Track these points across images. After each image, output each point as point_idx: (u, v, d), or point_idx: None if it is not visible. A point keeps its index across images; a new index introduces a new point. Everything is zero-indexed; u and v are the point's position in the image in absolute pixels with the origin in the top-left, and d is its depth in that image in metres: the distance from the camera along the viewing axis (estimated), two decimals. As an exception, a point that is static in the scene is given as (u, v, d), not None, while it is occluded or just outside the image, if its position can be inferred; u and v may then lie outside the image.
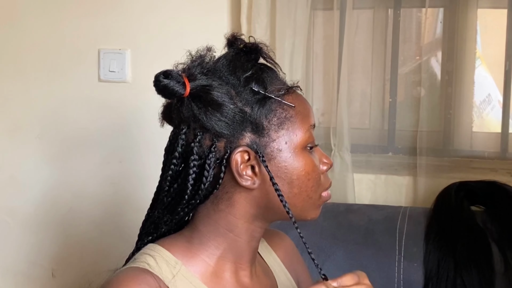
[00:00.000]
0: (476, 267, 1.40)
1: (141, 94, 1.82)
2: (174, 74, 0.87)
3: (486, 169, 1.69)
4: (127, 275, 0.86)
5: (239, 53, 0.92)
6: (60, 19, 1.90)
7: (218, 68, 0.90)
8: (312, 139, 0.93)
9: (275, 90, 0.90)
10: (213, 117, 0.86)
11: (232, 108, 0.86)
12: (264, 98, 0.89)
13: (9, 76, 1.96)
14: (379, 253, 1.47)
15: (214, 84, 0.87)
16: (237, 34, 0.95)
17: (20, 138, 1.97)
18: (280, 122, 0.89)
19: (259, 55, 0.94)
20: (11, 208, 1.99)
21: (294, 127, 0.90)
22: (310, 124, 0.93)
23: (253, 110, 0.88)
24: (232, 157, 0.88)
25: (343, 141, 1.73)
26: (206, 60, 0.91)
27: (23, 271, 2.00)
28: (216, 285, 0.91)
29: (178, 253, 0.91)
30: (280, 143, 0.89)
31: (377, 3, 1.79)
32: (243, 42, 0.94)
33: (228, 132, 0.87)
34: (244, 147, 0.88)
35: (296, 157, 0.90)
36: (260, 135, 0.89)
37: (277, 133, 0.89)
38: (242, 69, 0.90)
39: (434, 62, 1.74)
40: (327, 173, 0.98)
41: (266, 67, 0.93)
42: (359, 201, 1.75)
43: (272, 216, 0.94)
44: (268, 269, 1.04)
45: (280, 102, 0.90)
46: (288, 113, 0.90)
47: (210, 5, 1.78)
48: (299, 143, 0.91)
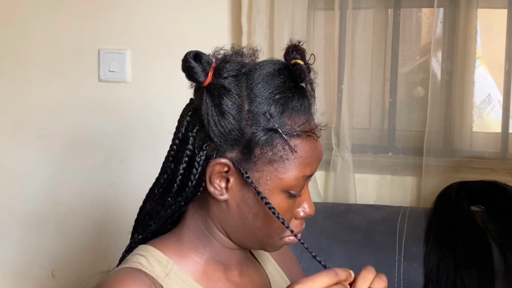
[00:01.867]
0: (476, 267, 1.40)
1: (141, 94, 1.82)
2: (203, 60, 0.84)
3: (486, 169, 1.69)
4: (120, 275, 0.86)
5: (283, 68, 0.87)
6: (60, 19, 1.90)
7: (252, 75, 0.86)
8: (298, 188, 0.87)
9: (289, 126, 0.85)
10: (212, 120, 0.84)
11: (232, 123, 0.84)
12: (272, 129, 0.84)
13: (9, 76, 1.96)
14: (379, 253, 1.47)
15: (233, 91, 0.84)
16: (301, 44, 0.89)
17: (20, 138, 1.97)
18: (272, 159, 0.85)
19: (302, 80, 0.87)
20: (11, 208, 1.99)
21: (284, 169, 0.86)
22: (304, 174, 0.87)
23: (253, 135, 0.84)
24: (212, 163, 0.86)
25: (344, 141, 1.73)
26: (246, 61, 0.87)
27: (23, 271, 2.00)
28: (208, 283, 0.91)
29: (169, 252, 0.91)
30: (262, 176, 0.86)
31: (377, 3, 1.79)
32: (299, 57, 0.87)
33: (218, 141, 0.85)
34: (227, 160, 0.86)
35: (272, 195, 0.86)
36: (247, 159, 0.86)
37: (264, 166, 0.85)
38: (272, 88, 0.85)
39: (434, 62, 1.74)
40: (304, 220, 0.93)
41: (300, 95, 0.87)
42: (360, 201, 1.75)
43: (234, 238, 0.92)
44: (260, 267, 1.04)
45: (284, 141, 0.85)
46: (286, 154, 0.85)
47: (210, 5, 1.78)
48: (282, 185, 0.86)
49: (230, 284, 0.94)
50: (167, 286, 0.87)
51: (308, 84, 0.88)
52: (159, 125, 1.76)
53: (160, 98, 1.79)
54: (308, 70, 0.87)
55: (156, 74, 1.82)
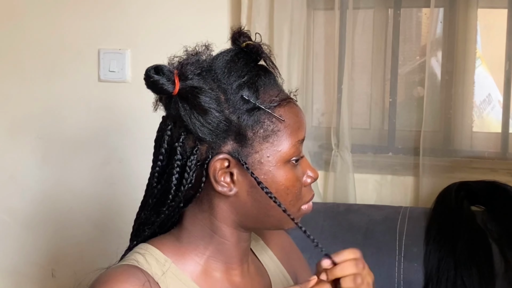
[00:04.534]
0: (476, 267, 1.40)
1: (141, 94, 1.79)
2: (165, 71, 0.85)
3: (486, 169, 1.69)
4: (116, 271, 0.87)
5: (239, 52, 0.90)
6: (60, 19, 1.90)
7: (214, 68, 0.88)
8: (297, 153, 0.90)
9: (267, 100, 0.88)
10: (197, 122, 0.85)
11: (217, 116, 0.85)
12: (254, 108, 0.86)
13: (9, 76, 1.96)
14: (379, 253, 1.47)
15: (204, 87, 0.85)
16: (243, 29, 0.92)
17: (20, 138, 1.97)
18: (265, 135, 0.87)
19: (259, 57, 0.90)
20: (11, 208, 1.99)
21: (280, 141, 0.87)
22: (298, 139, 0.89)
23: (240, 119, 0.86)
24: (211, 163, 0.87)
25: (343, 141, 1.73)
26: (202, 58, 0.89)
27: (23, 271, 2.00)
28: (207, 284, 0.91)
29: (168, 251, 0.91)
30: (263, 155, 0.87)
31: (377, 3, 1.79)
32: (247, 39, 0.91)
33: (210, 138, 0.86)
34: (225, 154, 0.87)
35: (277, 171, 0.88)
36: (243, 145, 0.87)
37: (261, 145, 0.87)
38: (237, 73, 0.88)
39: (434, 62, 1.74)
40: (312, 186, 0.95)
41: (264, 71, 0.90)
42: (360, 201, 1.75)
43: (251, 225, 0.93)
44: (262, 267, 1.03)
45: (269, 114, 0.87)
46: (276, 126, 0.87)
47: (210, 5, 1.78)
48: (283, 157, 0.88)
49: (229, 285, 0.94)
50: (163, 284, 0.87)
51: (267, 60, 0.91)
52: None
53: (160, 98, 1.79)
54: (261, 48, 0.90)
55: (156, 74, 1.81)
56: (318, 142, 1.81)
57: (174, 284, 0.88)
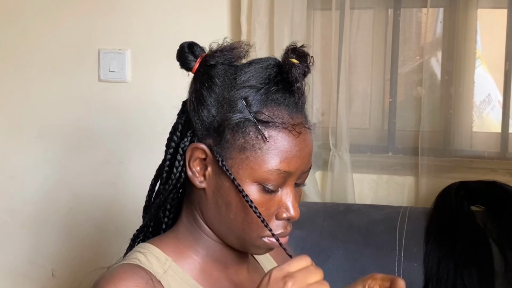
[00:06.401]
0: (476, 267, 1.40)
1: (141, 94, 1.82)
2: (196, 48, 0.89)
3: (486, 169, 1.69)
4: (118, 270, 0.87)
5: (275, 65, 0.87)
6: (60, 19, 1.90)
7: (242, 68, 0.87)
8: (274, 183, 0.85)
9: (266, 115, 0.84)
10: (192, 105, 0.88)
11: (208, 109, 0.87)
12: (245, 116, 0.84)
13: (9, 76, 1.96)
14: (379, 253, 1.47)
15: (215, 80, 0.86)
16: (301, 46, 0.88)
17: (20, 138, 1.97)
18: (244, 147, 0.84)
19: (292, 78, 0.85)
20: (11, 208, 1.99)
21: (256, 160, 0.84)
22: (280, 169, 0.84)
23: (226, 117, 0.85)
24: (190, 147, 0.88)
25: (342, 141, 1.73)
26: (236, 53, 0.88)
27: (23, 271, 2.00)
28: (206, 282, 0.92)
29: (167, 250, 0.92)
30: (234, 164, 0.85)
31: (377, 3, 1.79)
32: (296, 57, 0.87)
33: (197, 126, 0.88)
34: (204, 146, 0.87)
35: (242, 185, 0.84)
36: (219, 145, 0.86)
37: (236, 154, 0.85)
38: (256, 79, 0.86)
39: (434, 62, 1.74)
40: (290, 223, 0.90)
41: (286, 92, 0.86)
42: (359, 201, 1.75)
43: (220, 234, 0.91)
44: (258, 266, 1.03)
45: (257, 129, 0.84)
46: (258, 143, 0.84)
47: (210, 5, 1.78)
48: (253, 176, 0.84)
49: (229, 283, 0.94)
50: (165, 282, 0.88)
51: (299, 83, 0.86)
52: (159, 125, 1.75)
53: (160, 98, 1.79)
54: (300, 69, 0.85)
55: (156, 74, 1.82)
56: (317, 142, 1.81)
57: (175, 282, 0.89)
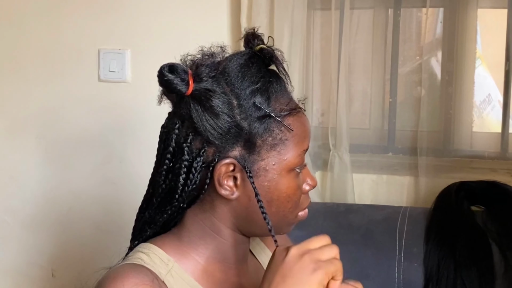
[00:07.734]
0: (476, 267, 1.40)
1: (141, 94, 1.82)
2: (180, 70, 0.85)
3: (486, 169, 1.69)
4: (123, 268, 0.87)
5: (253, 56, 0.89)
6: (60, 19, 1.90)
7: (227, 71, 0.87)
8: (301, 162, 0.91)
9: (278, 108, 0.88)
10: (208, 125, 0.85)
11: (228, 121, 0.85)
12: (265, 116, 0.87)
13: (9, 76, 1.96)
14: (379, 253, 1.47)
15: (218, 90, 0.85)
16: (256, 31, 0.92)
17: (20, 138, 1.97)
18: (273, 144, 0.88)
19: (272, 62, 0.90)
20: (11, 208, 1.99)
21: (286, 150, 0.88)
22: (303, 149, 0.90)
23: (251, 127, 0.86)
24: (218, 166, 0.87)
25: (341, 141, 1.73)
26: (217, 59, 0.89)
27: (23, 271, 2.00)
28: (207, 283, 0.92)
29: (170, 250, 0.92)
30: (268, 163, 0.88)
31: (377, 3, 1.79)
32: (261, 42, 0.91)
33: (219, 142, 0.86)
34: (231, 159, 0.87)
35: (281, 179, 0.89)
36: (250, 152, 0.87)
37: (268, 153, 0.88)
38: (250, 79, 0.87)
39: (434, 62, 1.75)
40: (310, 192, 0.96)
41: (276, 78, 0.90)
42: (359, 201, 1.75)
43: (250, 229, 0.93)
44: (260, 267, 1.04)
45: (279, 123, 0.88)
46: (284, 135, 0.88)
47: (210, 5, 1.78)
48: (288, 166, 0.89)
49: (229, 285, 0.94)
50: (168, 283, 0.88)
51: (279, 66, 0.90)
52: (159, 125, 1.76)
53: (160, 98, 1.79)
54: (274, 52, 0.90)
55: (156, 74, 1.81)
56: (317, 142, 1.81)
57: (177, 283, 0.89)
